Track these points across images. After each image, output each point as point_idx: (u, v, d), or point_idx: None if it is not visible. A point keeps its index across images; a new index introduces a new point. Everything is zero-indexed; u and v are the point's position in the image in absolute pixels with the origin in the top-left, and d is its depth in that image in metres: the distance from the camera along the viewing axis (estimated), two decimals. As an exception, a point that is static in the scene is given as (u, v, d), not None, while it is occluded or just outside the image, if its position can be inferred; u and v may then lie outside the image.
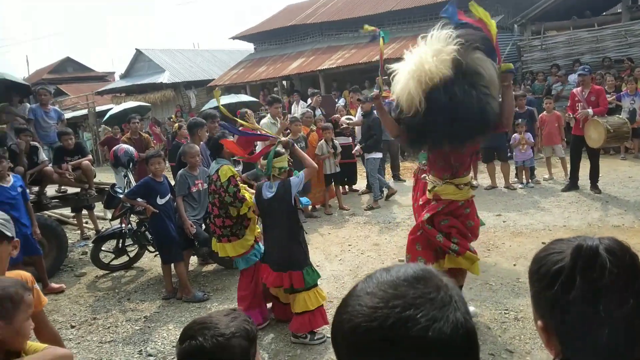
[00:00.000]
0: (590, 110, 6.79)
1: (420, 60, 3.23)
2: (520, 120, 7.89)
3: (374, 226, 6.71)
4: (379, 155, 7.77)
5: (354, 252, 5.80)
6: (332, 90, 15.57)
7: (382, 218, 7.03)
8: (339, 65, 15.52)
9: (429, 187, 3.72)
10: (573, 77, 10.95)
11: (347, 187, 8.83)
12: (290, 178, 3.84)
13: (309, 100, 10.56)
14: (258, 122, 7.41)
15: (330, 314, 4.21)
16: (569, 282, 0.87)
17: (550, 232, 5.69)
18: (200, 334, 1.38)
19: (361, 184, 8.90)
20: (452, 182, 3.58)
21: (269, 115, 7.36)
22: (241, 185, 4.28)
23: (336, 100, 11.43)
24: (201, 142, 5.56)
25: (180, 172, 5.06)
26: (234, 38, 21.43)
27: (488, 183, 8.09)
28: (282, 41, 19.91)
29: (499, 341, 3.54)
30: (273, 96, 7.68)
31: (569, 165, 7.55)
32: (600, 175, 7.25)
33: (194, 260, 5.83)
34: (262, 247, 4.23)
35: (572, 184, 7.33)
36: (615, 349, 0.83)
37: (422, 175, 4.07)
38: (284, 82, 18.50)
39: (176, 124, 10.19)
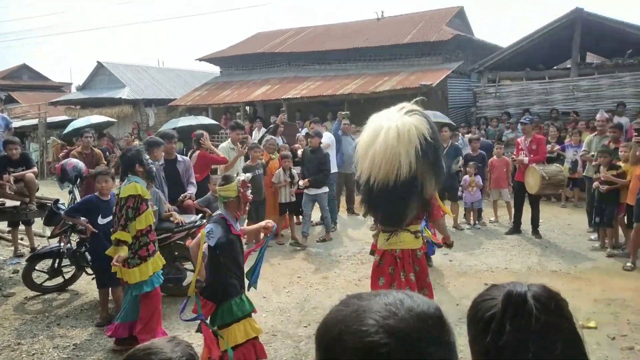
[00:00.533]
0: (525, 159, 7.18)
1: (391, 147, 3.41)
2: (471, 163, 8.21)
3: (325, 259, 6.70)
4: (327, 189, 7.68)
5: (303, 284, 5.75)
6: (296, 120, 15.71)
7: (334, 251, 7.04)
8: (303, 96, 15.71)
9: (385, 238, 3.76)
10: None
11: (301, 217, 8.81)
12: (212, 226, 3.42)
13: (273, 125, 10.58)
14: (216, 146, 7.37)
15: (273, 349, 4.12)
16: (500, 329, 0.89)
17: (493, 273, 5.85)
18: None
19: (316, 215, 8.91)
20: (408, 229, 3.70)
21: (229, 140, 7.33)
22: (147, 211, 4.02)
23: (299, 129, 11.48)
24: (156, 162, 5.44)
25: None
26: (200, 59, 21.38)
27: None
28: (249, 67, 20.03)
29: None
30: (236, 122, 7.68)
31: (513, 210, 7.85)
32: (541, 221, 7.58)
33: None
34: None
35: (515, 228, 7.63)
36: None
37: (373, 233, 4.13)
38: (247, 108, 18.52)
39: (135, 142, 9.98)
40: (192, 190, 5.91)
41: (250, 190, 3.70)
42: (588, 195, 7.42)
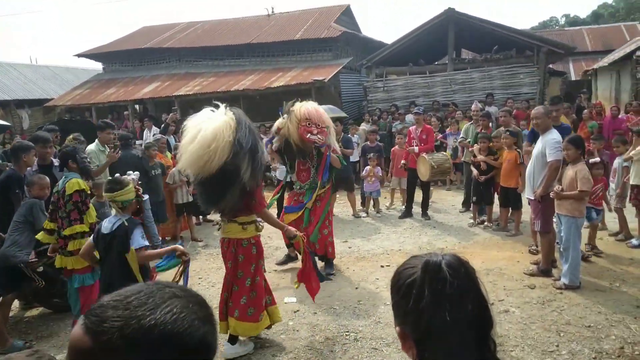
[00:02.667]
0: (415, 149, 7.75)
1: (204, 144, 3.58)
2: (372, 154, 8.55)
3: (227, 256, 6.61)
4: None
5: (204, 284, 5.63)
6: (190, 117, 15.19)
7: (236, 248, 6.96)
8: (196, 92, 15.24)
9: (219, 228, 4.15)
10: (409, 117, 12.37)
11: (200, 217, 8.59)
12: (135, 229, 3.36)
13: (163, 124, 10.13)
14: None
15: None
16: (420, 294, 0.99)
17: (388, 255, 6.23)
18: None
19: (215, 214, 8.74)
20: (235, 220, 3.89)
21: (97, 141, 6.55)
22: (91, 207, 4.13)
23: None
24: (28, 169, 4.94)
25: (33, 201, 4.42)
26: (80, 55, 19.75)
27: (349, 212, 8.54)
28: (135, 63, 18.93)
29: (339, 363, 3.72)
30: (104, 121, 6.98)
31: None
32: (429, 204, 8.21)
33: (14, 304, 5.07)
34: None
35: (407, 212, 8.17)
36: (464, 347, 0.95)
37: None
38: (137, 106, 17.50)
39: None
40: None
41: (141, 191, 3.57)
42: (466, 177, 8.18)
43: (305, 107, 5.33)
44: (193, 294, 0.84)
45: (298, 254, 5.14)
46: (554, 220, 5.22)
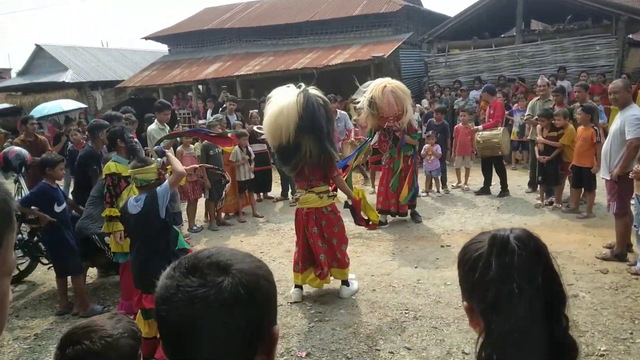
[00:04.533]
0: (479, 127, 7.58)
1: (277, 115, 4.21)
2: (430, 132, 8.32)
3: (287, 233, 6.76)
4: None
5: (266, 259, 5.80)
6: (251, 96, 15.49)
7: (295, 224, 7.11)
8: (256, 72, 15.46)
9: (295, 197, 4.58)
10: (473, 93, 11.90)
11: (261, 194, 8.82)
12: (157, 188, 3.49)
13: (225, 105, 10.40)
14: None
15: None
16: (487, 266, 1.00)
17: (449, 235, 6.11)
18: (86, 338, 1.35)
19: (276, 190, 8.94)
20: (312, 191, 4.38)
21: (156, 121, 6.81)
22: (127, 188, 4.19)
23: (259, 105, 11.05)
24: (104, 146, 5.27)
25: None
26: (146, 38, 20.56)
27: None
28: (198, 44, 19.45)
29: (398, 340, 3.73)
30: (162, 101, 7.23)
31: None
32: (493, 183, 7.94)
33: (92, 272, 5.49)
34: None
35: (485, 189, 8.06)
36: (532, 321, 0.95)
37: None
38: (200, 87, 18.06)
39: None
40: None
41: (168, 173, 3.64)
42: (532, 156, 7.80)
43: (382, 103, 6.02)
44: None
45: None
46: (632, 201, 4.87)
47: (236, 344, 0.80)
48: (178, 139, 6.90)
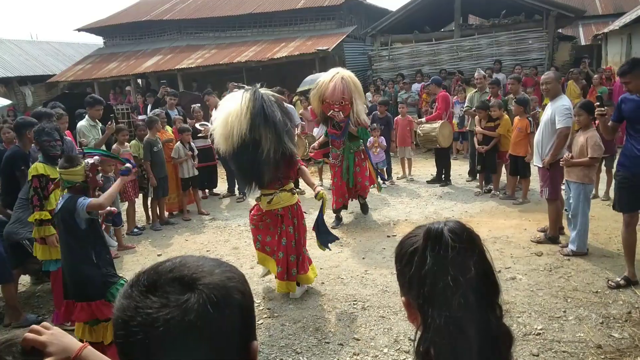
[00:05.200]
0: (423, 119, 7.78)
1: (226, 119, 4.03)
2: (375, 124, 8.43)
3: (235, 229, 6.65)
4: None
5: (213, 257, 5.66)
6: (193, 90, 15.06)
7: (243, 221, 6.99)
8: (199, 65, 15.05)
9: (267, 201, 4.28)
10: (415, 86, 12.19)
11: (207, 191, 8.61)
12: (79, 198, 3.27)
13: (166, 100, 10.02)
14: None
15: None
16: (422, 260, 1.00)
17: (394, 225, 6.24)
18: (8, 353, 1.24)
19: (222, 187, 8.76)
20: (284, 189, 4.27)
21: (87, 117, 6.43)
22: (56, 192, 3.90)
23: (203, 98, 10.61)
24: (32, 145, 4.92)
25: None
26: (80, 30, 19.50)
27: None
28: (135, 36, 18.66)
29: (347, 331, 3.76)
30: (93, 96, 6.80)
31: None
32: (433, 174, 8.21)
33: (25, 279, 5.15)
34: None
35: (438, 178, 8.31)
36: (467, 312, 0.95)
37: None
38: (139, 81, 17.36)
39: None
40: None
41: (101, 175, 3.47)
42: (471, 147, 8.09)
43: (327, 86, 5.86)
44: None
45: None
46: (563, 187, 5.16)
47: None
48: (114, 136, 6.57)
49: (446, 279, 0.96)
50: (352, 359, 3.39)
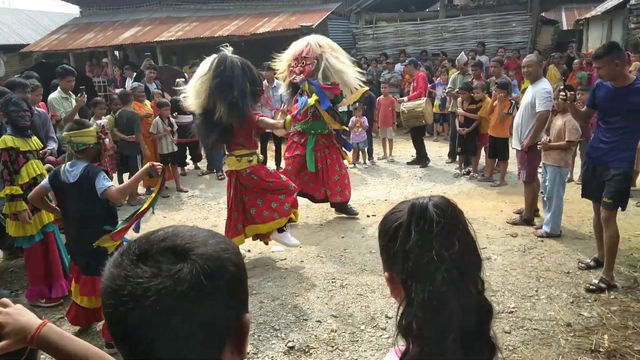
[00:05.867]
0: (405, 98, 7.71)
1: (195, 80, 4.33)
2: (357, 104, 8.37)
3: (214, 207, 6.61)
4: None
5: (206, 228, 5.63)
6: (173, 64, 14.72)
7: (222, 198, 6.94)
8: (179, 38, 14.68)
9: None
10: (398, 66, 12.13)
11: (186, 168, 8.51)
12: (99, 174, 3.18)
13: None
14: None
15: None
16: (406, 235, 1.00)
17: (374, 205, 6.28)
18: None
19: (203, 164, 8.67)
20: (232, 154, 4.44)
21: (59, 89, 6.20)
22: (27, 164, 3.87)
23: (185, 74, 10.30)
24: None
25: None
26: (54, -2, 18.77)
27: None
28: (113, 6, 18.05)
29: (325, 308, 3.80)
30: (64, 67, 6.43)
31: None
32: (414, 155, 8.24)
33: (-1, 253, 5.05)
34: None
35: (419, 159, 8.29)
36: (449, 285, 0.96)
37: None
38: (117, 53, 16.87)
39: None
40: (52, 145, 5.23)
41: (107, 139, 3.41)
42: (451, 128, 8.15)
43: (293, 45, 5.44)
44: None
45: None
46: (540, 170, 5.25)
47: (200, 340, 0.71)
48: (91, 109, 6.40)
49: (430, 254, 0.97)
50: (330, 336, 3.44)
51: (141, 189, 7.34)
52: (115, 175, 6.92)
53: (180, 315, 0.69)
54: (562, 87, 4.44)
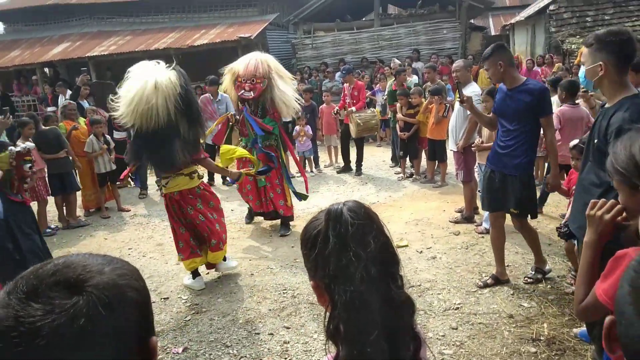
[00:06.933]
0: (353, 108, 7.79)
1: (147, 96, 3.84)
2: (300, 113, 8.42)
3: (158, 225, 6.40)
4: None
5: (135, 255, 5.43)
6: (107, 79, 14.19)
7: (166, 216, 6.73)
8: (112, 52, 14.20)
9: (164, 184, 4.29)
10: (338, 74, 12.32)
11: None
12: None
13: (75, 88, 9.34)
14: None
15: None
16: (325, 240, 1.04)
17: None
18: None
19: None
20: (181, 173, 4.21)
21: None
22: None
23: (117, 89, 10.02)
24: None
25: None
26: (-27, 13, 17.63)
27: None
28: (40, 21, 17.21)
29: (277, 320, 3.77)
30: None
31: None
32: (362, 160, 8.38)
33: None
34: None
35: (346, 167, 8.33)
36: (369, 284, 0.99)
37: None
38: (46, 70, 16.05)
39: None
40: None
41: (30, 165, 3.25)
42: (393, 132, 8.37)
43: (240, 65, 5.31)
44: None
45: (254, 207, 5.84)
46: (476, 169, 5.49)
47: None
48: (17, 130, 6.05)
49: (348, 254, 1.01)
50: (282, 347, 3.41)
51: (80, 211, 7.00)
52: (51, 199, 6.55)
53: (81, 350, 0.66)
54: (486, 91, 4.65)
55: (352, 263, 1.00)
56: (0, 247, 3.22)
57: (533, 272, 4.12)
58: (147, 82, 3.83)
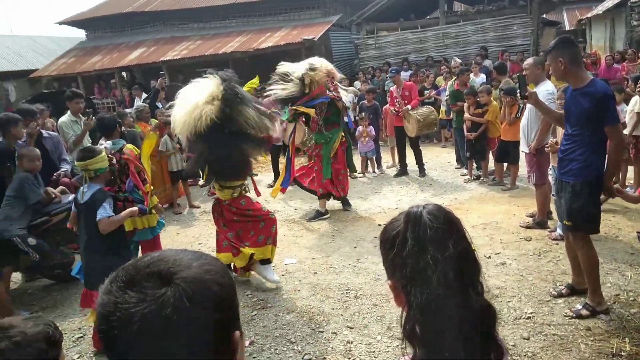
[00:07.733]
0: (408, 106, 7.67)
1: (195, 104, 4.03)
2: (363, 114, 8.45)
3: (225, 222, 6.63)
4: None
5: (205, 250, 5.66)
6: (179, 82, 14.90)
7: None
8: (183, 57, 14.88)
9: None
10: (403, 74, 12.16)
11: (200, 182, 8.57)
12: (105, 202, 3.39)
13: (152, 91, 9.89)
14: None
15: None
16: (403, 242, 1.05)
17: (385, 214, 6.26)
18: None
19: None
20: (225, 186, 4.41)
21: (69, 112, 6.25)
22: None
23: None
24: (18, 141, 4.85)
25: (23, 176, 4.32)
26: (61, 23, 19.13)
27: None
28: (118, 29, 18.38)
29: (340, 320, 3.79)
30: (73, 90, 6.63)
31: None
32: (425, 161, 8.20)
33: (16, 277, 5.10)
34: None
35: (402, 171, 8.17)
36: (447, 288, 0.99)
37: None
38: (124, 74, 17.12)
39: None
40: (65, 167, 5.34)
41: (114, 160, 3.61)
42: (455, 133, 8.13)
43: (327, 64, 6.17)
44: None
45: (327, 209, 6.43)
46: (549, 172, 5.22)
47: None
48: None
49: (426, 257, 1.01)
50: (346, 347, 3.43)
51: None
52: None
53: (167, 337, 0.71)
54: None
55: (430, 266, 1.00)
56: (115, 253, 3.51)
57: (580, 307, 3.52)
58: (187, 98, 4.16)
